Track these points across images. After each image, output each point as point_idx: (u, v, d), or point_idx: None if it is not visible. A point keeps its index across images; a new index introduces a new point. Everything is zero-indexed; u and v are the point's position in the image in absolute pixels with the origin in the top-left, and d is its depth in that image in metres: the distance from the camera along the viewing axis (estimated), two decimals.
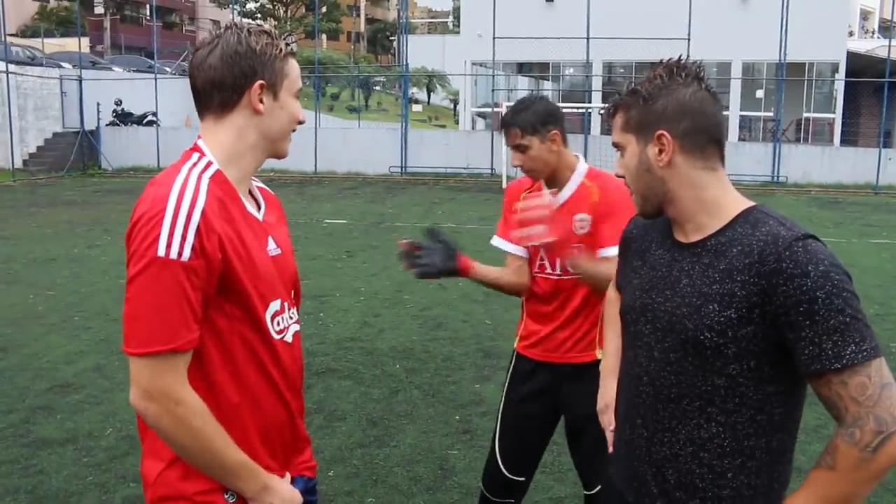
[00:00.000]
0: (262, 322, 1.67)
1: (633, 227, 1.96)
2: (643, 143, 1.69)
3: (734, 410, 1.60)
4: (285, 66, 1.71)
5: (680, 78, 1.67)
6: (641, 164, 1.69)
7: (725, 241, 1.63)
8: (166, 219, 1.52)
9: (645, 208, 1.74)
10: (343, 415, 4.94)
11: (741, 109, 26.18)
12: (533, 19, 24.83)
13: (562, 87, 29.68)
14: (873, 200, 18.99)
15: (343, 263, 9.89)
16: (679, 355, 1.64)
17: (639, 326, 1.75)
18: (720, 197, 1.68)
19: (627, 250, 1.93)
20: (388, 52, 63.69)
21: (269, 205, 1.84)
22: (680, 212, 1.70)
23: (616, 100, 1.76)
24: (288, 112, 1.74)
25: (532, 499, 3.93)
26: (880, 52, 24.51)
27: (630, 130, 1.71)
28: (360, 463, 4.29)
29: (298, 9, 53.83)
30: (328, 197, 18.22)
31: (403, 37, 25.64)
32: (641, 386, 1.72)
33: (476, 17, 26.19)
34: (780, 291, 1.50)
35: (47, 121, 24.12)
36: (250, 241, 1.65)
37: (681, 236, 1.74)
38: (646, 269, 1.79)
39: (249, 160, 1.72)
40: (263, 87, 1.68)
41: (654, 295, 1.71)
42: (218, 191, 1.62)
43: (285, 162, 22.77)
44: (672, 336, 1.65)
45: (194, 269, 1.52)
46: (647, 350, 1.72)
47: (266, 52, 1.68)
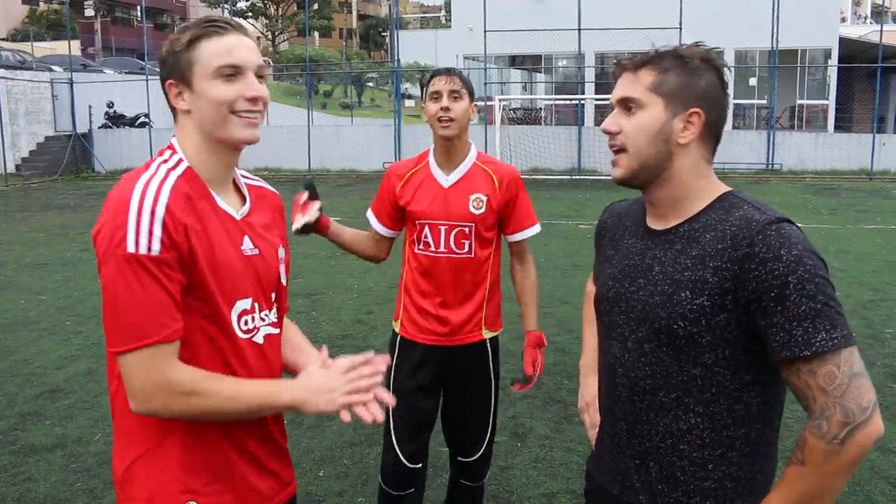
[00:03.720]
0: (225, 319, 1.64)
1: (608, 217, 1.91)
2: (671, 113, 1.60)
3: (711, 401, 1.57)
4: (192, 53, 1.63)
5: (709, 65, 1.62)
6: (662, 131, 1.61)
7: (699, 227, 1.60)
8: (131, 216, 1.51)
9: (633, 175, 1.65)
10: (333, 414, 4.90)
11: (735, 97, 26.10)
12: (524, 12, 24.76)
13: (554, 79, 29.62)
14: (868, 186, 18.97)
15: (336, 261, 9.85)
16: (653, 345, 1.61)
17: (612, 317, 1.71)
18: (706, 187, 1.65)
19: (601, 240, 1.89)
20: (380, 48, 63.57)
21: (260, 204, 1.80)
22: (669, 193, 1.64)
23: (651, 55, 1.63)
24: (208, 98, 1.63)
25: (525, 494, 3.91)
26: (873, 38, 24.45)
27: (660, 93, 1.60)
28: (350, 462, 4.26)
29: (290, 6, 53.65)
30: (322, 195, 18.09)
31: (395, 32, 25.59)
32: (617, 378, 1.69)
33: (467, 10, 26.14)
34: (752, 276, 1.47)
35: (39, 125, 24.06)
36: (218, 238, 1.63)
37: (654, 223, 1.70)
38: (618, 258, 1.76)
39: (210, 157, 1.67)
40: (173, 85, 1.65)
41: (627, 284, 1.68)
42: (185, 187, 1.61)
43: (278, 160, 22.85)
44: (645, 326, 1.62)
45: (167, 261, 1.52)
46: (621, 341, 1.69)
47: (169, 52, 1.65)
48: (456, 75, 2.97)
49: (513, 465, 4.21)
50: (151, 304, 1.51)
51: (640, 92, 1.61)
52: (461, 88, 2.94)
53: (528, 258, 3.18)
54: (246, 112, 1.63)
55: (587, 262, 9.34)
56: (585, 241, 11.22)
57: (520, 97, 29.61)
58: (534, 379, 3.14)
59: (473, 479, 3.23)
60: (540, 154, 21.53)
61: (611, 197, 13.15)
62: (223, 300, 1.63)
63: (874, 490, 3.87)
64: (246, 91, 1.63)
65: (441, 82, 2.94)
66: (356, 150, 23.38)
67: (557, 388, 5.33)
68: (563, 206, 15.20)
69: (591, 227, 12.45)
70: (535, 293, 3.19)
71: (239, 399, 1.58)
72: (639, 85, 1.62)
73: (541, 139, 21.92)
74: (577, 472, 4.11)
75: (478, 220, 2.97)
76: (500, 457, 4.26)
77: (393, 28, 27.12)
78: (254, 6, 53.85)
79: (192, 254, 1.56)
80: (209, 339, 1.63)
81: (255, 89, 1.64)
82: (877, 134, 21.07)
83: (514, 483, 4.03)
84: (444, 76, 2.96)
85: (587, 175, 20.87)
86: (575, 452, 4.34)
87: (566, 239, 11.43)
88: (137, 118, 25.34)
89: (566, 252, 10.34)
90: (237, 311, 1.67)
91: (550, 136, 22.10)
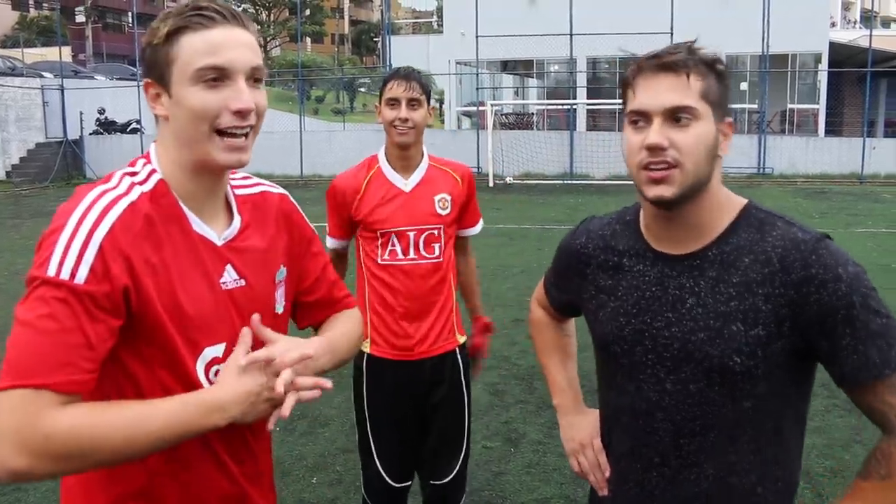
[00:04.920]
0: (186, 370, 1.35)
1: (587, 241, 1.69)
2: (716, 124, 1.45)
3: (761, 429, 1.48)
4: (171, 49, 1.31)
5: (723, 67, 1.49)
6: (713, 144, 1.44)
7: (731, 250, 1.46)
8: (63, 235, 1.24)
9: (685, 195, 1.43)
10: (326, 420, 4.89)
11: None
12: (516, 17, 24.80)
13: (546, 84, 29.68)
14: (858, 190, 19.05)
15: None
16: (701, 385, 1.46)
17: (635, 357, 1.53)
18: (725, 200, 1.52)
19: (584, 267, 1.67)
20: (372, 54, 63.63)
21: (256, 217, 1.50)
22: (700, 211, 1.48)
23: (687, 56, 1.43)
24: (185, 107, 1.32)
25: (518, 500, 3.90)
26: (862, 42, 24.55)
27: (709, 101, 1.43)
28: (343, 469, 4.24)
29: (281, 12, 53.65)
30: (314, 200, 18.09)
31: (387, 37, 25.61)
32: (656, 423, 1.52)
33: (459, 16, 26.15)
34: (814, 300, 1.37)
35: (30, 131, 23.97)
36: (185, 272, 1.34)
37: (669, 246, 1.52)
38: (624, 288, 1.56)
39: (190, 175, 1.38)
40: (150, 86, 1.35)
41: (650, 320, 1.51)
42: (147, 207, 1.32)
43: (270, 166, 22.78)
44: (690, 365, 1.46)
45: (91, 295, 1.22)
46: (654, 383, 1.51)
47: (147, 45, 1.35)
48: (415, 80, 2.82)
49: (506, 471, 4.20)
50: (53, 342, 1.19)
51: (694, 99, 1.42)
52: (420, 96, 2.80)
53: (469, 250, 3.17)
54: (231, 129, 1.32)
55: None
56: None
57: (512, 102, 29.65)
58: (479, 364, 3.14)
59: (450, 501, 3.05)
60: (532, 159, 21.55)
61: (603, 201, 13.17)
62: (186, 348, 1.34)
63: None
64: (232, 102, 1.31)
65: (399, 89, 2.78)
66: (348, 156, 23.33)
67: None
68: (555, 211, 15.21)
69: None
70: (477, 283, 3.23)
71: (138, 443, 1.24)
72: (691, 91, 1.41)
73: (533, 144, 21.94)
74: (571, 477, 4.10)
75: (445, 222, 2.87)
76: (493, 462, 4.26)
77: (385, 33, 27.14)
78: (245, 12, 53.66)
79: (139, 292, 1.28)
80: (162, 387, 1.34)
81: (243, 100, 1.31)
82: (867, 138, 21.15)
83: (507, 489, 4.02)
84: (402, 82, 2.80)
85: (579, 180, 20.90)
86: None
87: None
88: (129, 124, 25.27)
89: None
90: (204, 361, 1.37)
91: (543, 141, 22.13)
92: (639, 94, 1.44)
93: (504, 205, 16.08)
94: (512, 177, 20.91)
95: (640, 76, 1.45)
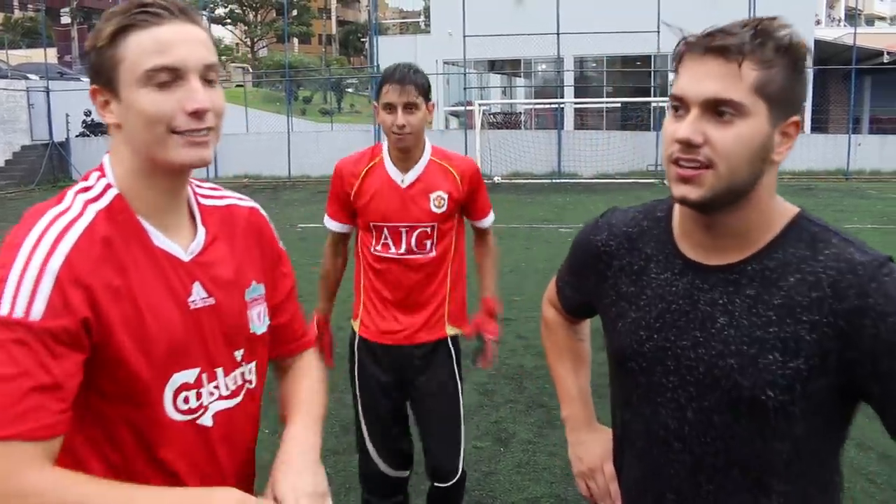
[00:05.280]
0: (152, 399, 1.24)
1: (608, 237, 1.48)
2: (773, 123, 1.22)
3: (798, 475, 1.29)
4: (116, 50, 1.21)
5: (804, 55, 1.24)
6: (764, 148, 1.22)
7: (775, 266, 1.26)
8: (15, 268, 1.14)
9: (716, 199, 1.24)
10: None
11: None
12: (503, 16, 24.80)
13: (534, 83, 29.70)
14: (844, 186, 19.19)
15: (317, 267, 9.78)
16: (726, 417, 1.28)
17: (655, 377, 1.36)
18: (776, 207, 1.32)
19: (605, 268, 1.47)
20: (360, 54, 63.54)
21: (224, 231, 1.39)
22: (743, 219, 1.28)
23: (750, 38, 1.19)
24: (136, 112, 1.21)
25: (508, 499, 3.90)
26: (847, 40, 24.70)
27: (765, 96, 1.20)
28: (332, 471, 4.23)
29: (269, 13, 53.49)
30: (302, 201, 18.12)
31: (374, 38, 25.59)
32: (672, 453, 1.35)
33: (446, 15, 26.14)
34: (868, 334, 1.18)
35: (15, 133, 23.81)
36: (152, 294, 1.24)
37: (703, 255, 1.33)
38: (648, 298, 1.38)
39: (148, 183, 1.27)
40: (97, 92, 1.25)
41: (674, 337, 1.33)
42: (105, 228, 1.23)
43: (258, 166, 22.76)
44: (715, 394, 1.28)
45: (52, 331, 1.12)
46: (674, 409, 1.34)
47: (91, 48, 1.24)
48: (410, 83, 2.72)
49: (496, 471, 4.21)
50: (15, 388, 1.08)
51: (743, 93, 1.19)
52: (417, 98, 2.73)
53: (488, 239, 3.18)
54: (188, 132, 1.22)
55: None
56: (566, 244, 11.09)
57: (500, 102, 29.67)
58: (488, 346, 3.09)
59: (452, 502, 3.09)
60: (520, 158, 21.57)
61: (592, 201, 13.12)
62: (152, 377, 1.23)
63: (854, 487, 3.89)
64: (187, 103, 1.21)
65: (395, 94, 2.72)
66: (336, 156, 22.77)
67: (540, 393, 5.33)
68: (543, 210, 15.23)
69: (571, 230, 12.49)
70: (494, 262, 3.20)
71: None
72: (741, 83, 1.19)
73: (521, 143, 21.96)
74: (561, 476, 4.11)
75: (439, 220, 2.88)
76: (483, 462, 4.26)
77: (372, 33, 27.11)
78: (232, 12, 53.62)
79: (101, 323, 1.18)
80: (131, 428, 1.24)
81: (198, 99, 1.21)
82: (852, 135, 21.31)
83: (497, 488, 4.02)
84: (396, 87, 2.71)
85: (567, 178, 20.93)
86: (558, 457, 4.33)
87: (547, 243, 11.45)
88: None
89: (547, 256, 10.35)
90: (173, 388, 1.26)
91: (531, 141, 22.15)
92: (681, 77, 1.24)
93: (492, 204, 16.04)
94: (500, 176, 20.92)
95: (687, 55, 1.24)
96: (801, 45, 1.22)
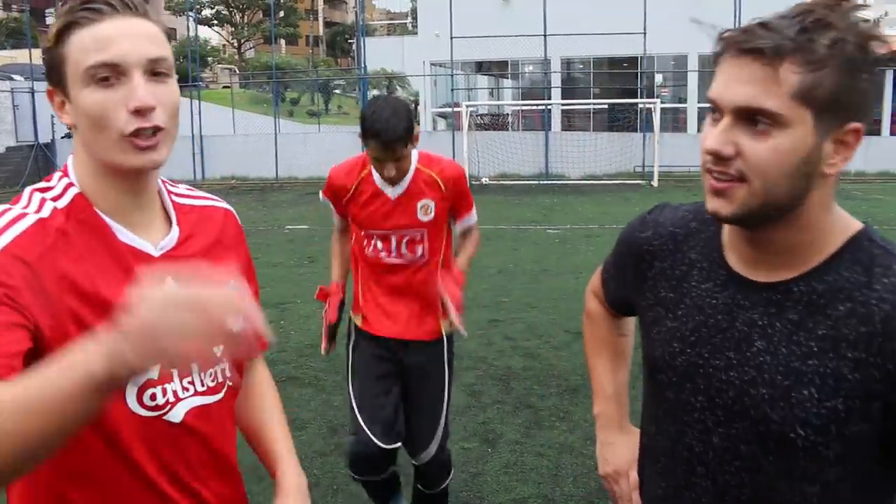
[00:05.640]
0: (116, 404, 1.18)
1: (653, 235, 1.36)
2: (822, 132, 1.07)
3: None
4: (62, 49, 1.18)
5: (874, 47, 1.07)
6: (807, 161, 1.07)
7: (825, 290, 1.12)
8: None
9: (750, 216, 1.12)
10: (303, 424, 4.86)
11: (699, 101, 26.41)
12: (490, 18, 24.84)
13: (521, 84, 29.75)
14: None
15: (305, 269, 9.79)
16: (753, 449, 1.17)
17: (683, 394, 1.25)
18: (834, 223, 1.17)
19: (647, 267, 1.36)
20: (347, 55, 63.49)
21: (200, 229, 1.35)
22: (789, 236, 1.15)
23: (797, 33, 1.03)
24: (82, 112, 1.18)
25: (496, 500, 3.91)
26: None
27: (810, 103, 1.04)
28: (320, 472, 4.22)
29: (255, 14, 53.37)
30: (290, 203, 18.09)
31: (361, 39, 25.57)
32: (695, 477, 1.25)
33: (433, 17, 26.15)
34: None
35: None
36: (113, 287, 1.16)
37: (750, 269, 1.20)
38: (686, 307, 1.26)
39: (108, 183, 1.23)
40: (53, 94, 1.22)
41: (707, 354, 1.22)
42: (63, 221, 1.19)
43: (245, 168, 22.69)
44: (744, 422, 1.17)
45: None
46: (700, 431, 1.23)
47: (45, 47, 1.21)
48: (396, 142, 2.73)
49: (483, 472, 4.21)
50: None
51: (780, 103, 1.04)
52: (403, 148, 2.78)
53: (472, 233, 3.27)
54: (135, 132, 1.16)
55: (556, 267, 9.39)
56: (553, 245, 11.27)
57: (487, 103, 29.71)
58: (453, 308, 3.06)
59: (429, 485, 3.26)
60: (508, 159, 21.59)
61: (579, 202, 13.13)
62: None
63: None
64: (129, 101, 1.15)
65: (381, 152, 2.76)
66: (324, 158, 23.12)
67: (527, 393, 5.33)
68: (530, 212, 15.25)
69: (559, 231, 12.53)
70: (473, 244, 3.27)
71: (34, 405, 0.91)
72: (779, 89, 1.04)
73: (508, 145, 21.99)
74: (548, 476, 4.11)
75: (428, 226, 2.99)
76: (470, 463, 4.26)
77: (359, 35, 27.08)
78: (219, 14, 53.48)
79: (53, 314, 1.12)
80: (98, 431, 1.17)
81: (137, 97, 1.15)
82: None
83: (484, 489, 4.02)
84: (380, 148, 2.74)
85: (555, 180, 20.97)
86: (545, 457, 4.34)
87: (535, 244, 11.46)
88: None
89: (534, 257, 10.36)
90: (136, 384, 1.21)
91: (518, 142, 22.18)
92: (716, 79, 1.11)
93: (480, 205, 15.80)
94: (488, 177, 20.94)
95: (724, 55, 1.11)
96: (867, 35, 1.05)
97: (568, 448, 4.43)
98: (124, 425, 1.20)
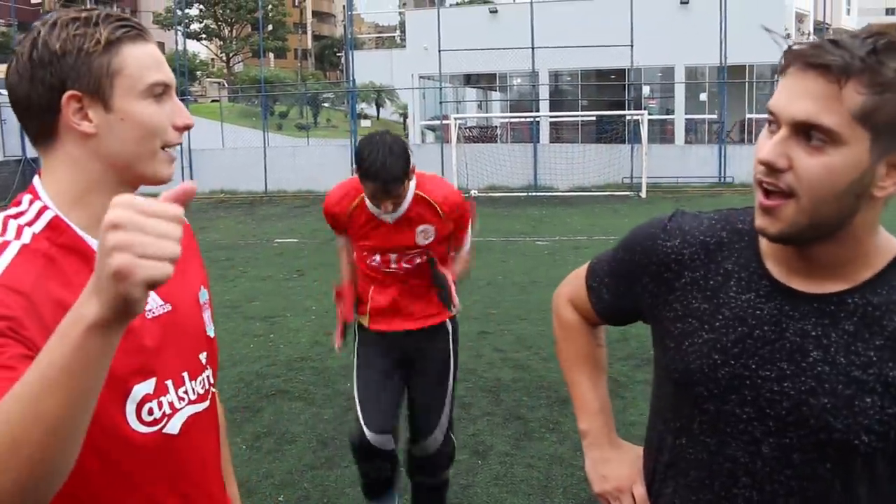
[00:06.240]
0: (114, 423, 1.17)
1: (681, 244, 1.32)
2: (877, 155, 1.07)
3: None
4: (112, 60, 1.18)
5: None
6: (859, 182, 1.08)
7: (880, 303, 1.15)
8: None
9: (798, 234, 1.13)
10: (293, 437, 4.85)
11: (686, 113, 26.60)
12: (478, 31, 24.96)
13: (510, 97, 29.87)
14: None
15: (294, 283, 9.77)
16: (811, 456, 1.18)
17: (727, 406, 1.24)
18: (881, 243, 1.20)
19: (675, 278, 1.32)
20: (336, 69, 63.59)
21: None
22: (836, 253, 1.17)
23: (860, 61, 1.03)
24: (134, 123, 1.20)
25: None
26: None
27: (869, 125, 1.05)
28: (310, 486, 4.21)
29: (244, 28, 53.42)
30: (279, 216, 18.06)
31: (350, 53, 25.63)
32: (737, 488, 1.24)
33: (422, 30, 26.27)
34: None
35: None
36: None
37: (798, 280, 1.20)
38: (725, 318, 1.25)
39: (102, 198, 1.17)
40: (79, 98, 1.18)
41: (755, 365, 1.21)
42: (45, 245, 1.15)
43: (234, 182, 22.64)
44: (801, 432, 1.18)
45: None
46: (746, 442, 1.23)
47: (72, 50, 1.17)
48: (394, 183, 2.73)
49: (474, 483, 4.21)
50: None
51: (840, 119, 1.05)
52: (401, 186, 2.78)
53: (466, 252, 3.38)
54: (174, 145, 1.26)
55: (545, 279, 9.40)
56: (542, 257, 11.29)
57: (475, 116, 29.81)
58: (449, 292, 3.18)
59: (430, 473, 3.35)
60: (496, 172, 21.65)
61: (568, 213, 13.18)
62: (111, 394, 1.14)
63: None
64: (177, 118, 1.25)
65: (380, 193, 2.77)
66: (313, 171, 23.27)
67: (517, 405, 5.34)
68: (520, 224, 15.28)
69: (548, 243, 12.55)
70: (467, 254, 3.35)
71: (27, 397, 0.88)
72: (840, 107, 1.04)
73: (497, 157, 22.05)
74: (538, 488, 4.12)
75: (428, 248, 3.06)
76: (461, 475, 4.26)
77: (348, 48, 27.15)
78: (208, 28, 53.52)
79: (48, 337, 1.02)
80: (92, 447, 1.09)
81: (186, 115, 1.26)
82: None
83: (475, 501, 4.03)
84: (379, 189, 2.74)
85: (543, 192, 21.03)
86: (535, 469, 4.35)
87: (524, 256, 11.49)
88: None
89: (524, 269, 10.38)
90: (135, 401, 1.20)
91: (506, 154, 22.24)
92: (778, 90, 1.11)
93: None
94: (477, 190, 20.98)
95: (790, 68, 1.10)
96: None
97: (558, 459, 4.43)
98: (125, 446, 1.19)
